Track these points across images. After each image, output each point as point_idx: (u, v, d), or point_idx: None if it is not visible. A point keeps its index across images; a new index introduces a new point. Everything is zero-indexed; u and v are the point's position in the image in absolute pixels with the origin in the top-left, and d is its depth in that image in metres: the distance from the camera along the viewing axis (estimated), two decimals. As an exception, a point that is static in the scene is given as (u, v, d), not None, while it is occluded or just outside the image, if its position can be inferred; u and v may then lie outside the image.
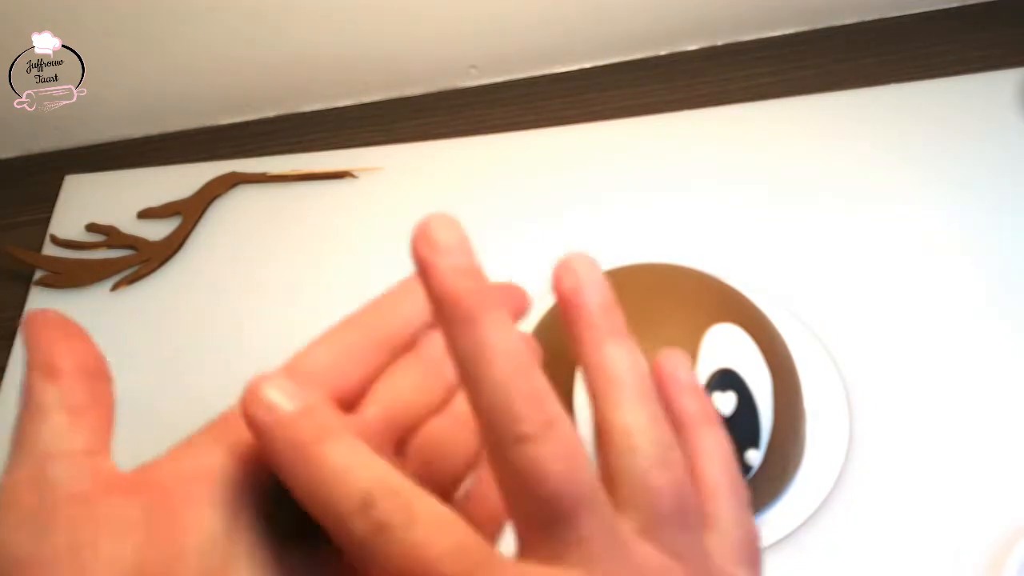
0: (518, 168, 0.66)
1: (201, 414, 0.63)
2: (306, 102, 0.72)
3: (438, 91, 0.72)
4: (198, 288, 0.63)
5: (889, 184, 0.61)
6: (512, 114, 0.70)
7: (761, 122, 0.66)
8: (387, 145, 0.68)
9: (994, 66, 0.66)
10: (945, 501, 0.48)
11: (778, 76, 0.69)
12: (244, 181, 0.67)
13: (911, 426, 0.50)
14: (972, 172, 0.61)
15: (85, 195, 0.69)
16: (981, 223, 0.59)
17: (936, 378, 0.52)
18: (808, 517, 0.47)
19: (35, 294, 0.64)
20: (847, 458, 0.49)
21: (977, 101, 0.64)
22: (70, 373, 0.25)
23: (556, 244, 0.60)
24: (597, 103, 0.69)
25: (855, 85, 0.67)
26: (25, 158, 0.73)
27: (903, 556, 0.46)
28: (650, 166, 0.64)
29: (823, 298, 0.56)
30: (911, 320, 0.55)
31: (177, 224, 0.65)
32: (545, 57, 0.71)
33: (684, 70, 0.70)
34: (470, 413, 0.24)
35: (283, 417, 0.23)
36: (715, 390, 0.42)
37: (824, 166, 0.63)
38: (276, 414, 0.23)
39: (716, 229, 0.60)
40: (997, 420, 0.51)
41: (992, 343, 0.53)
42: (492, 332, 0.22)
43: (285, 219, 0.65)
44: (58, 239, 0.66)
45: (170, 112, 0.72)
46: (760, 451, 0.43)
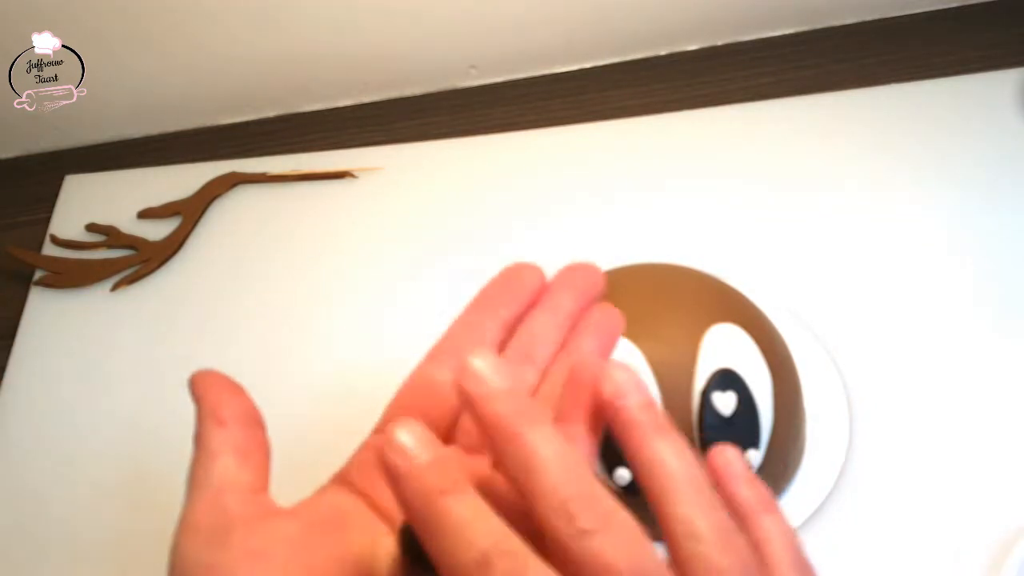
0: (518, 168, 0.66)
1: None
2: (306, 102, 0.72)
3: (438, 91, 0.72)
4: (198, 288, 0.63)
5: (889, 184, 0.61)
6: (512, 114, 0.70)
7: (761, 122, 0.66)
8: (387, 145, 0.68)
9: (994, 66, 0.66)
10: (945, 501, 0.48)
11: (778, 76, 0.69)
12: (244, 181, 0.67)
13: (911, 426, 0.50)
14: (972, 172, 0.61)
15: (85, 195, 0.69)
16: (981, 223, 0.59)
17: (936, 378, 0.52)
18: (808, 517, 0.47)
19: (35, 294, 0.64)
20: (847, 458, 0.49)
21: (977, 101, 0.64)
22: (234, 421, 0.30)
23: (556, 244, 0.60)
24: (597, 103, 0.69)
25: (855, 85, 0.67)
26: (25, 158, 0.73)
27: (903, 556, 0.46)
28: (650, 166, 0.64)
29: (823, 298, 0.56)
30: (911, 320, 0.55)
31: (177, 224, 0.65)
32: (545, 57, 0.71)
33: (684, 70, 0.70)
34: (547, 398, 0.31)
35: (416, 467, 0.25)
36: (715, 390, 0.42)
37: (824, 166, 0.63)
38: (410, 463, 0.25)
39: (716, 229, 0.60)
40: (997, 420, 0.51)
41: (992, 343, 0.53)
42: (538, 444, 0.24)
43: (285, 219, 0.65)
44: (58, 239, 0.66)
45: (170, 112, 0.72)
46: (760, 451, 0.43)
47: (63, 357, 0.61)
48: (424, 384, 0.32)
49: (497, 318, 0.33)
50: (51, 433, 0.58)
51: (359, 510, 0.30)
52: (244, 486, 0.29)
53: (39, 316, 0.63)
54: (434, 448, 0.25)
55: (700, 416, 0.42)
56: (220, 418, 0.30)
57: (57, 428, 0.58)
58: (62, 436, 0.58)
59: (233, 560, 0.27)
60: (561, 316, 0.33)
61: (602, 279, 0.34)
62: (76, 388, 0.60)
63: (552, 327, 0.33)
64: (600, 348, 0.33)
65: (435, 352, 0.33)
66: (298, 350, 0.59)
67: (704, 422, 0.42)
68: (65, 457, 0.57)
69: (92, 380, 0.60)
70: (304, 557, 0.28)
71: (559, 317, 0.33)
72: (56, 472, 0.57)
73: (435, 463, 0.25)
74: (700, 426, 0.42)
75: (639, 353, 0.43)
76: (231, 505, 0.28)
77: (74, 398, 0.59)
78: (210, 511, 0.28)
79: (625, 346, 0.44)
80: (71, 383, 0.60)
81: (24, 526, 0.55)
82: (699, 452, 0.43)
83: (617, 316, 0.34)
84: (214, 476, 0.29)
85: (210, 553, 0.27)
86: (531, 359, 0.32)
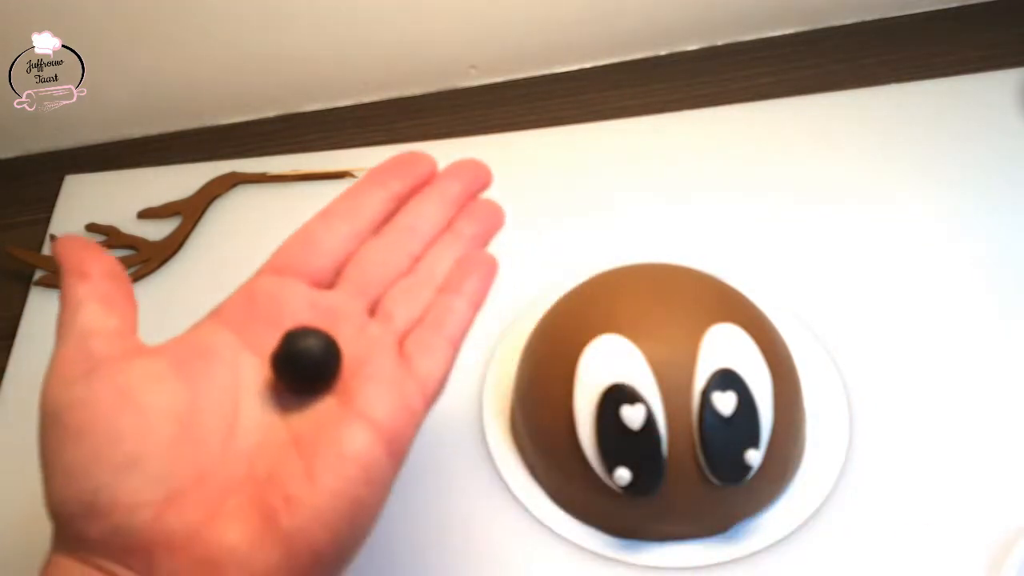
0: (518, 168, 0.66)
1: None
2: (306, 102, 0.72)
3: (438, 91, 0.72)
4: (198, 288, 0.62)
5: (889, 184, 0.61)
6: (512, 114, 0.70)
7: (761, 122, 0.66)
8: (387, 145, 0.68)
9: (994, 66, 0.66)
10: (945, 501, 0.48)
11: (778, 76, 0.69)
12: (244, 181, 0.67)
13: (911, 426, 0.50)
14: (972, 172, 0.61)
15: (85, 195, 0.69)
16: (980, 223, 0.59)
17: (936, 378, 0.52)
18: (808, 517, 0.47)
19: (35, 294, 0.64)
20: (847, 458, 0.49)
21: (977, 101, 0.64)
22: (98, 275, 0.31)
23: (556, 244, 0.60)
24: (597, 103, 0.69)
25: (855, 85, 0.67)
26: (25, 158, 0.73)
27: (903, 556, 0.46)
28: (650, 166, 0.64)
29: (823, 298, 0.56)
30: (911, 320, 0.55)
31: (177, 224, 0.65)
32: (545, 57, 0.71)
33: (684, 70, 0.70)
34: (428, 269, 0.35)
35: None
36: (715, 390, 0.42)
37: (824, 166, 0.63)
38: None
39: (716, 229, 0.60)
40: (997, 420, 0.50)
41: (993, 343, 0.53)
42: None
43: (285, 219, 0.64)
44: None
45: (170, 112, 0.72)
46: (760, 451, 0.43)
47: (63, 357, 0.61)
48: (308, 239, 0.36)
49: (386, 190, 0.37)
50: (51, 433, 0.58)
51: (227, 342, 0.32)
52: (110, 331, 0.30)
53: (39, 316, 0.63)
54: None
55: (700, 416, 0.42)
56: (83, 272, 0.31)
57: (57, 428, 0.58)
58: (62, 436, 0.58)
59: (98, 396, 0.28)
60: (448, 199, 0.37)
61: (490, 177, 0.39)
62: (76, 388, 0.60)
63: (438, 207, 0.37)
64: (480, 234, 0.37)
65: (325, 212, 0.37)
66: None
67: (704, 422, 0.42)
68: (65, 457, 0.57)
69: (92, 380, 0.60)
70: (169, 391, 0.29)
71: (445, 200, 0.37)
72: (56, 472, 0.57)
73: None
74: (700, 426, 0.42)
75: (639, 353, 0.43)
76: (96, 347, 0.29)
77: (74, 398, 0.59)
78: (75, 355, 0.29)
79: (625, 346, 0.44)
80: (71, 383, 0.60)
81: (24, 526, 0.55)
82: (699, 452, 0.43)
83: (499, 211, 0.38)
84: (78, 323, 0.30)
85: (76, 391, 0.28)
86: (415, 232, 0.36)
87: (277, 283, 0.34)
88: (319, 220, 0.37)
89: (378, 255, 0.36)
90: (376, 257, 0.36)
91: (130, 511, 0.27)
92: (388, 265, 0.35)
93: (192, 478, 0.28)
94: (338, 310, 0.34)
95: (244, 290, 0.35)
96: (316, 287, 0.35)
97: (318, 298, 0.34)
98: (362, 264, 0.35)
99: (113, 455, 0.28)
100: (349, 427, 0.29)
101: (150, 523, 0.27)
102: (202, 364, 0.31)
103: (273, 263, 0.36)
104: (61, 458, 0.28)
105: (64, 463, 0.28)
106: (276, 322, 0.32)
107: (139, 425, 0.28)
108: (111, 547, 0.28)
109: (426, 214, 0.37)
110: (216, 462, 0.29)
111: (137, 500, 0.28)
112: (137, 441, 0.28)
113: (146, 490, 0.28)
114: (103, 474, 0.27)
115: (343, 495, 0.28)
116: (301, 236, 0.36)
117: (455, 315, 0.34)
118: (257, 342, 0.32)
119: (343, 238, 0.36)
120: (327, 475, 0.28)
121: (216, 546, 0.27)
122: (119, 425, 0.28)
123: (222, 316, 0.33)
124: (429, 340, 0.33)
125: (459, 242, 0.36)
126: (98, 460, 0.28)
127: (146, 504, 0.28)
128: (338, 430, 0.29)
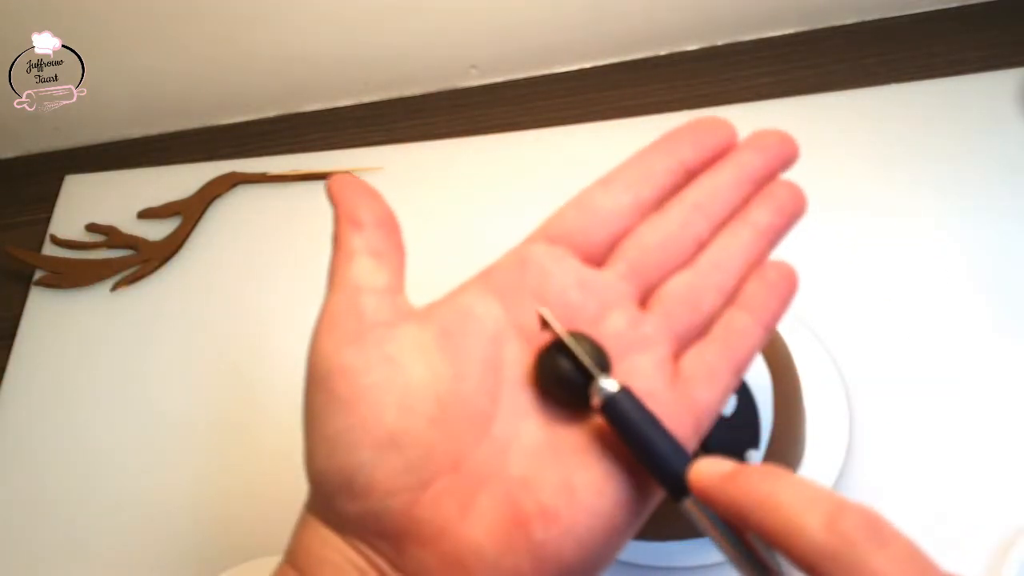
0: (518, 168, 0.66)
1: (202, 412, 0.64)
2: (306, 102, 0.72)
3: (438, 91, 0.72)
4: (198, 288, 0.63)
5: (888, 184, 0.61)
6: (512, 114, 0.70)
7: (761, 122, 0.65)
8: (387, 145, 0.68)
9: (994, 66, 0.66)
10: (945, 501, 0.48)
11: (778, 76, 0.69)
12: (244, 181, 0.67)
13: (911, 426, 0.50)
14: (972, 172, 0.61)
15: (85, 195, 0.69)
16: (980, 223, 0.59)
17: (936, 379, 0.52)
18: (808, 517, 0.47)
19: (35, 294, 0.64)
20: (847, 458, 0.49)
21: (977, 101, 0.64)
22: (371, 224, 0.30)
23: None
24: (597, 103, 0.69)
25: (855, 85, 0.67)
26: (25, 158, 0.73)
27: (903, 556, 0.46)
28: (650, 166, 0.64)
29: (823, 298, 0.56)
30: (911, 320, 0.55)
31: (177, 224, 0.65)
32: (545, 57, 0.71)
33: (684, 70, 0.70)
34: (715, 266, 0.31)
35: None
36: (715, 390, 0.42)
37: (824, 166, 0.63)
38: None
39: (716, 229, 0.60)
40: (997, 421, 0.51)
41: (992, 344, 0.53)
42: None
43: (285, 219, 0.65)
44: (58, 239, 0.66)
45: (170, 112, 0.72)
46: (760, 451, 0.43)
47: (63, 357, 0.61)
48: (587, 207, 0.32)
49: (676, 158, 0.32)
50: (51, 433, 0.58)
51: (492, 314, 0.30)
52: (381, 287, 0.29)
53: (39, 316, 0.63)
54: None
55: (700, 416, 0.42)
56: (357, 220, 0.30)
57: (57, 428, 0.58)
58: (62, 436, 0.58)
59: (366, 363, 0.28)
60: (745, 175, 0.33)
61: (797, 152, 0.34)
62: (76, 388, 0.60)
63: (732, 184, 0.32)
64: (776, 226, 0.32)
65: (606, 179, 0.33)
66: (298, 350, 0.58)
67: (704, 422, 0.42)
68: (65, 457, 0.57)
69: (92, 380, 0.60)
70: (433, 365, 0.28)
71: (742, 175, 0.33)
72: (56, 472, 0.57)
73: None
74: (700, 426, 0.42)
75: (639, 353, 0.43)
76: (367, 306, 0.29)
77: (74, 398, 0.59)
78: (347, 311, 0.29)
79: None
80: (71, 383, 0.60)
81: (24, 526, 0.55)
82: (699, 453, 0.43)
83: (802, 197, 0.33)
84: (351, 276, 0.29)
85: (346, 354, 0.28)
86: (702, 210, 0.32)
87: (549, 254, 0.31)
88: (600, 187, 0.33)
89: (659, 234, 0.31)
90: (657, 237, 0.31)
91: (385, 496, 0.26)
92: (669, 249, 0.31)
93: (447, 466, 0.27)
94: (608, 295, 0.30)
95: (516, 255, 0.32)
96: (587, 262, 0.31)
97: (588, 278, 0.31)
98: (641, 242, 0.31)
99: (376, 431, 0.27)
100: (616, 448, 0.27)
101: (403, 511, 0.27)
102: (465, 339, 0.29)
103: (547, 229, 0.32)
104: (326, 426, 0.27)
105: (328, 433, 0.27)
106: (541, 297, 0.30)
107: (402, 401, 0.27)
108: (364, 529, 0.27)
109: (718, 191, 0.32)
110: (471, 451, 0.27)
111: (393, 485, 0.26)
112: (398, 418, 0.27)
113: (402, 474, 0.27)
114: (364, 451, 0.26)
115: (602, 516, 0.26)
116: (579, 202, 0.33)
117: (746, 340, 0.30)
118: (522, 317, 0.30)
119: (624, 209, 0.32)
120: (588, 493, 0.27)
121: (464, 544, 0.26)
122: (385, 399, 0.27)
123: (491, 281, 0.31)
124: (715, 364, 0.29)
125: (751, 232, 0.32)
126: (361, 435, 0.27)
127: (401, 490, 0.27)
128: (602, 448, 0.27)
